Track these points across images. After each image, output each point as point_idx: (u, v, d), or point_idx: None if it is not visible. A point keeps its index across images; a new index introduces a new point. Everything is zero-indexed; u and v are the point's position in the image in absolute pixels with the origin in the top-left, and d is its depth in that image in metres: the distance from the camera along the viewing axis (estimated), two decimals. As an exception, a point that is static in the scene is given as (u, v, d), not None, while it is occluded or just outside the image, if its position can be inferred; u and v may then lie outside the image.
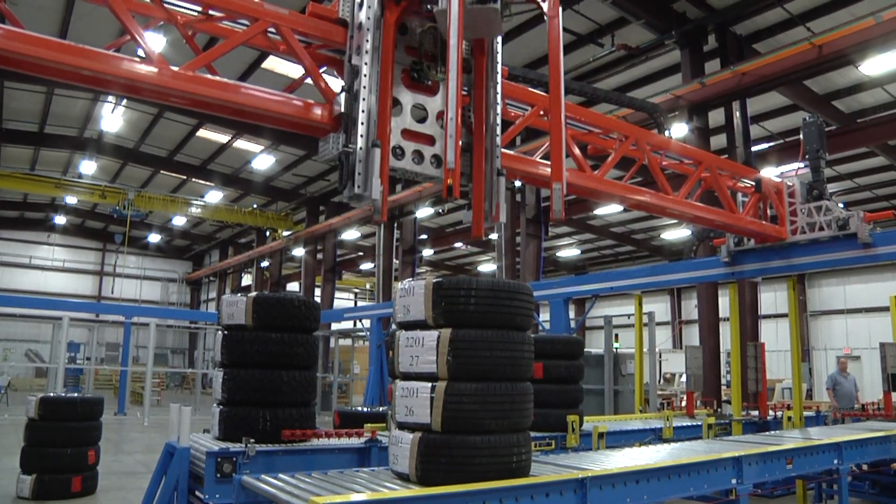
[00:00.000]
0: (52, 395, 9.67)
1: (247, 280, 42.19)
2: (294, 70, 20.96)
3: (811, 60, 13.20)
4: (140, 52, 4.60)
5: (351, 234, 32.13)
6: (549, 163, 5.49)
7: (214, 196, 32.41)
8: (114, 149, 29.29)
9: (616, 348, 16.31)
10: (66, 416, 9.14)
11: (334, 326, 27.04)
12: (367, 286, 41.53)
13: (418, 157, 5.01)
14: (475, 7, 4.79)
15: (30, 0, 17.83)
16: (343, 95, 4.83)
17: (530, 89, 7.04)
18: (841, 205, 8.98)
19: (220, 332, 6.21)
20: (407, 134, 5.00)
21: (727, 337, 11.23)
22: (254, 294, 6.08)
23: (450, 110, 4.66)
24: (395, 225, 25.25)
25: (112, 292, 45.16)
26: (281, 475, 4.53)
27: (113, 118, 25.75)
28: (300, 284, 32.80)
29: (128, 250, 43.17)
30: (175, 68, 4.50)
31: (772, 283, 17.95)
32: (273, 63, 20.70)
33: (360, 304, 42.04)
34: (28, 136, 28.06)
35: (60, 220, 41.32)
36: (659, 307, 34.07)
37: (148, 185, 32.63)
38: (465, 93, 5.18)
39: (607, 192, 7.97)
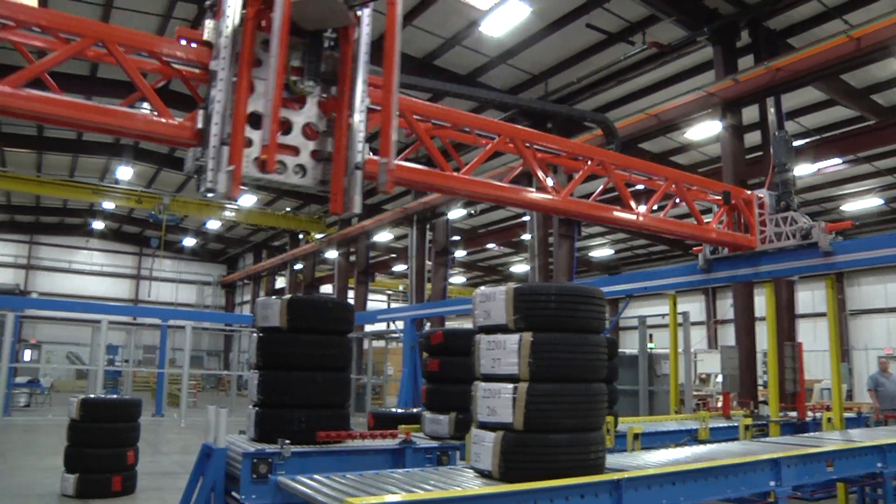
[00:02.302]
0: (92, 396, 9.83)
1: (280, 283, 42.52)
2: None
3: (848, 53, 12.95)
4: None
5: (383, 236, 32.20)
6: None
7: (248, 200, 32.65)
8: (149, 154, 29.70)
9: (650, 349, 16.17)
10: (105, 417, 9.31)
11: (368, 328, 27.15)
12: (400, 288, 41.65)
13: (282, 167, 5.19)
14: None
15: (71, 8, 18.14)
16: (201, 112, 5.00)
17: (499, 122, 7.81)
18: (805, 217, 9.55)
19: (254, 335, 6.27)
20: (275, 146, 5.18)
21: (763, 337, 11.07)
22: (288, 296, 6.12)
23: (267, 95, 4.86)
24: (428, 226, 25.29)
25: (149, 296, 45.88)
26: (316, 476, 4.57)
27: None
28: (333, 287, 32.97)
29: (164, 254, 43.77)
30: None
31: (809, 282, 17.70)
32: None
33: (393, 305, 42.16)
34: (67, 144, 28.61)
35: (98, 225, 42.03)
36: (694, 307, 33.73)
37: (182, 190, 32.96)
38: (325, 97, 5.40)
39: (574, 210, 8.56)
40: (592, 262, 37.90)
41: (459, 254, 36.49)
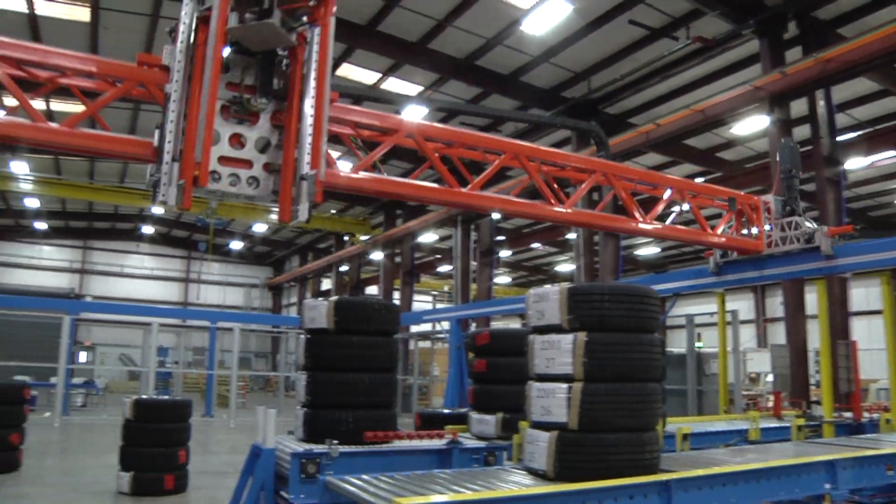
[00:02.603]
0: (144, 397, 10.03)
1: (326, 284, 42.88)
2: (367, 77, 21.25)
3: (904, 41, 12.59)
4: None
5: (428, 237, 32.26)
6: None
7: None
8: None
9: (698, 347, 15.95)
10: (158, 417, 9.49)
11: (413, 329, 27.23)
12: (446, 288, 41.70)
13: (235, 179, 5.55)
14: (253, 24, 5.28)
15: (119, 24, 18.67)
16: (157, 131, 5.37)
17: (502, 139, 8.42)
18: (809, 221, 9.79)
19: (302, 336, 6.33)
20: (224, 160, 5.51)
21: (815, 335, 10.83)
22: (335, 298, 6.18)
23: (202, 108, 5.20)
24: (473, 227, 25.27)
25: (197, 298, 46.67)
26: (364, 476, 4.60)
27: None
28: (379, 288, 33.14)
29: (211, 258, 44.54)
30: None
31: (863, 278, 17.28)
32: (347, 71, 21.00)
33: (438, 306, 42.23)
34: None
35: (148, 229, 42.89)
36: (742, 305, 33.16)
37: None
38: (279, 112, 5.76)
39: (577, 221, 9.16)
40: (639, 261, 37.50)
41: (504, 254, 36.39)
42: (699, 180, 24.62)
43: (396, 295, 32.33)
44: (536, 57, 18.69)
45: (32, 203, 35.80)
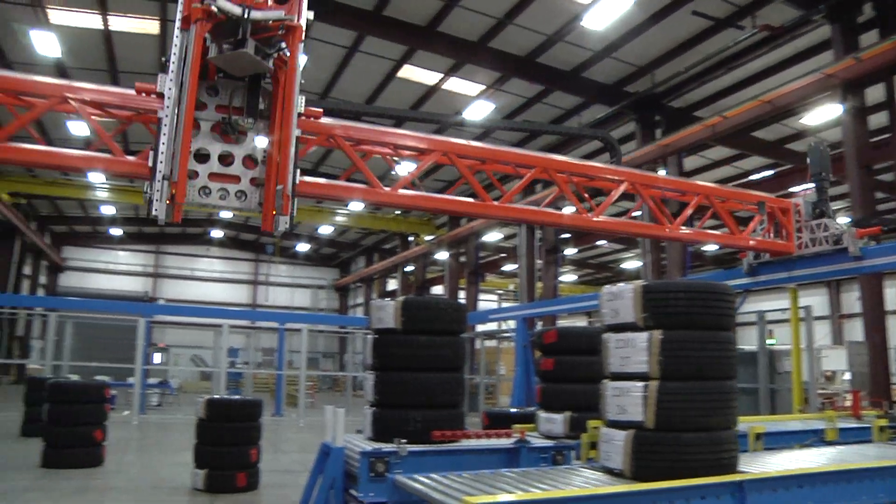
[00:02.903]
0: (217, 397, 10.26)
1: (392, 285, 43.22)
2: (429, 78, 21.34)
3: None
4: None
5: (493, 236, 32.21)
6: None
7: (358, 204, 33.26)
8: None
9: (770, 345, 15.55)
10: (230, 416, 9.70)
11: (479, 328, 27.24)
12: (511, 287, 41.55)
13: (224, 193, 6.02)
14: (229, 53, 5.64)
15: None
16: (151, 152, 5.70)
17: (531, 154, 8.66)
18: (838, 223, 9.93)
19: (369, 336, 6.39)
20: (213, 176, 5.98)
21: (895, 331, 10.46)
22: (402, 298, 6.22)
23: (180, 131, 5.58)
24: (538, 225, 25.12)
25: (266, 300, 47.57)
26: (432, 475, 4.61)
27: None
28: (444, 287, 33.25)
29: (279, 260, 45.36)
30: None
31: None
32: (408, 73, 21.13)
33: (503, 305, 42.15)
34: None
35: (217, 233, 43.91)
36: (816, 300, 32.21)
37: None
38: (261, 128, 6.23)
39: (606, 229, 9.43)
40: (706, 256, 36.71)
41: (569, 251, 36.05)
42: (768, 173, 24.12)
43: (462, 294, 32.38)
44: (598, 52, 18.50)
45: (108, 210, 37.08)
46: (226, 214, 36.66)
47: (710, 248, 35.46)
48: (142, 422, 18.82)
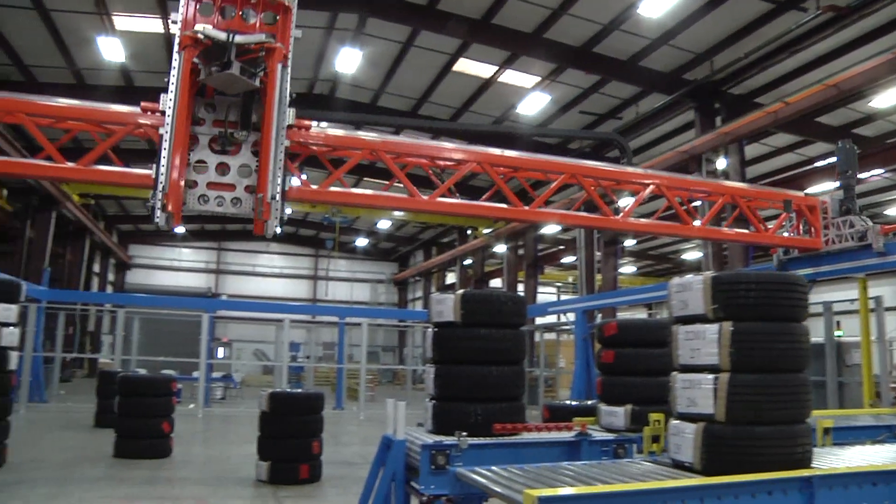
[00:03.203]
0: (279, 390, 10.44)
1: (451, 278, 43.32)
2: (484, 71, 21.30)
3: None
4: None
5: (551, 228, 32.00)
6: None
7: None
8: (321, 162, 31.09)
9: (838, 336, 15.13)
10: (292, 410, 9.87)
11: (538, 321, 27.15)
12: (570, 279, 41.30)
13: (221, 200, 6.73)
14: (217, 74, 6.25)
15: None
16: (154, 165, 6.33)
17: (560, 161, 9.49)
18: (863, 220, 10.29)
19: (429, 330, 6.42)
20: (211, 185, 6.70)
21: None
22: (461, 291, 6.23)
23: (167, 145, 6.30)
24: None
25: (326, 295, 48.16)
26: (493, 467, 4.61)
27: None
28: (503, 280, 33.19)
29: (338, 255, 45.81)
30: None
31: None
32: (464, 66, 21.13)
33: (562, 297, 41.89)
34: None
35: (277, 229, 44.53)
36: (888, 290, 31.16)
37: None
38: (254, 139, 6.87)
39: (633, 228, 10.47)
40: (768, 246, 35.87)
41: (629, 243, 35.68)
42: (834, 159, 23.41)
43: (521, 287, 32.28)
44: (655, 40, 18.20)
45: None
46: (286, 211, 37.14)
47: (774, 237, 34.70)
48: (206, 414, 19.27)
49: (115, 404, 11.74)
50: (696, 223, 10.78)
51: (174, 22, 6.51)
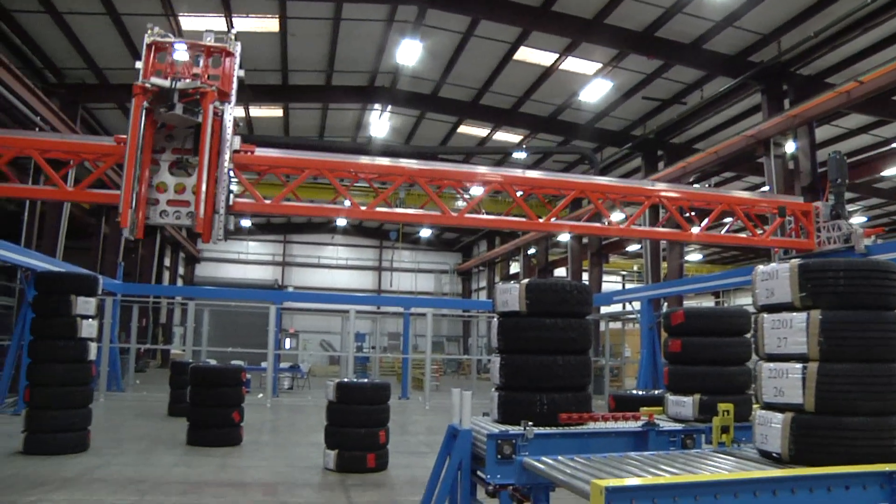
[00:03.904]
0: (346, 380, 10.57)
1: (514, 268, 43.22)
2: (545, 59, 21.14)
3: None
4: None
5: (616, 216, 31.61)
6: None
7: (479, 188, 33.24)
8: (383, 151, 31.34)
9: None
10: (359, 399, 9.98)
11: (603, 310, 26.91)
12: (635, 268, 40.81)
13: (179, 214, 8.17)
14: (164, 114, 7.92)
15: (304, 31, 19.76)
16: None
17: (571, 179, 11.54)
18: (848, 224, 11.64)
19: (494, 320, 6.43)
20: (171, 202, 8.21)
21: None
22: (526, 281, 6.21)
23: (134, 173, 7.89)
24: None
25: (390, 285, 48.58)
26: (560, 457, 4.60)
27: (380, 124, 27.60)
28: (567, 269, 32.97)
29: (402, 246, 46.16)
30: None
31: None
32: (524, 54, 21.01)
33: (627, 286, 41.43)
34: (310, 148, 30.96)
35: (341, 222, 45.10)
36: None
37: (417, 184, 34.35)
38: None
39: (637, 234, 14.27)
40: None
41: (694, 230, 34.98)
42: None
43: (585, 276, 32.03)
44: (719, 22, 17.78)
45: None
46: (349, 203, 37.61)
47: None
48: (275, 404, 19.66)
49: (187, 394, 12.07)
50: (696, 229, 12.45)
51: (137, 69, 8.15)
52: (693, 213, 13.23)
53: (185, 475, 9.22)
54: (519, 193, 11.21)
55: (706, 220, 12.24)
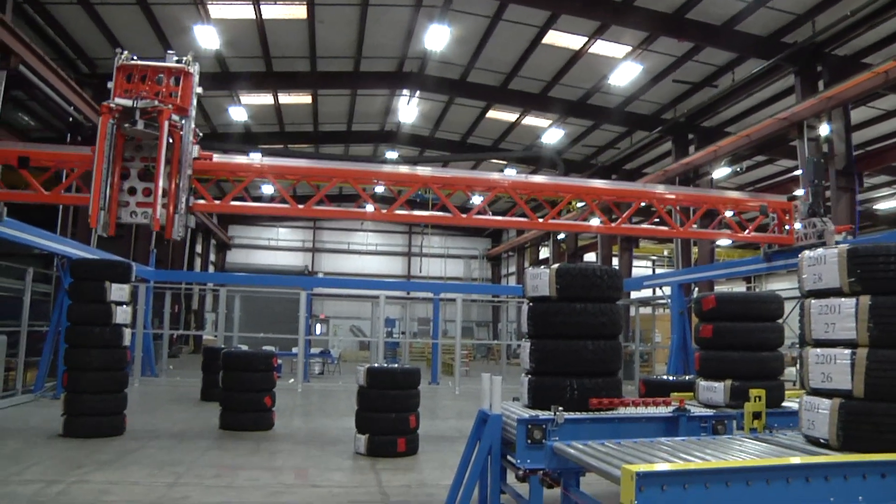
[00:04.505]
0: (377, 365, 10.62)
1: (544, 253, 43.08)
2: (574, 42, 20.97)
3: None
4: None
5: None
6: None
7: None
8: (411, 138, 31.40)
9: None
10: (389, 384, 10.03)
11: (633, 295, 26.76)
12: (665, 253, 40.46)
13: (146, 214, 9.51)
14: (128, 129, 9.24)
15: (333, 18, 19.76)
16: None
17: (568, 183, 13.26)
18: (822, 221, 12.91)
19: (525, 305, 6.43)
20: (140, 204, 9.59)
21: None
22: (556, 266, 6.20)
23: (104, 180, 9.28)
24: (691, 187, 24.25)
25: (420, 271, 48.66)
26: (590, 442, 4.61)
27: (409, 109, 27.59)
28: (597, 255, 32.81)
29: (432, 231, 46.18)
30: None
31: None
32: (553, 38, 20.85)
33: (658, 271, 41.13)
34: (339, 136, 31.20)
35: (370, 208, 45.20)
36: None
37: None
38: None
39: (626, 232, 14.96)
40: (878, 216, 34.12)
41: (726, 214, 34.56)
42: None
43: (615, 261, 31.87)
44: (751, 2, 17.48)
45: (268, 189, 39.05)
46: (379, 189, 37.69)
47: (884, 205, 33.06)
48: (305, 389, 19.84)
49: (220, 379, 12.22)
50: (683, 227, 14.17)
51: (109, 89, 9.40)
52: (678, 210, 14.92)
53: (218, 458, 9.36)
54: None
55: (691, 219, 14.24)
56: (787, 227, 13.53)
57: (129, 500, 6.89)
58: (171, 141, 9.47)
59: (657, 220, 17.16)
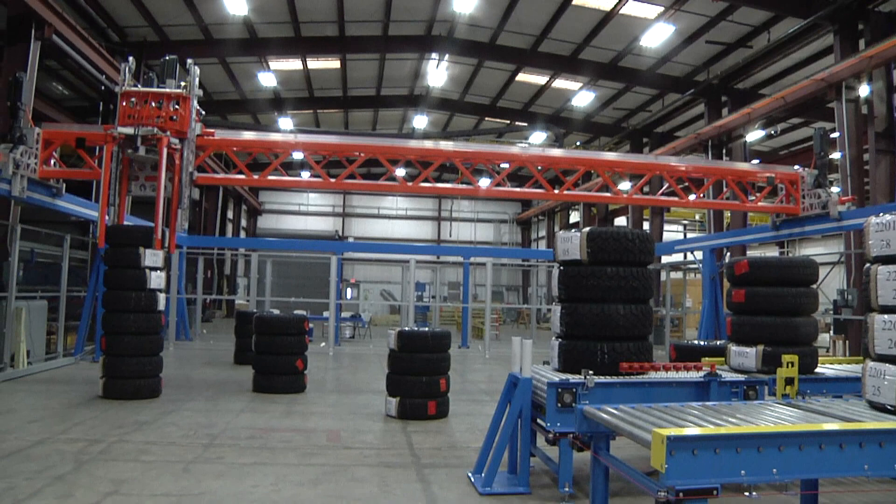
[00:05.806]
0: (407, 329, 10.67)
1: (574, 217, 42.85)
2: (605, 2, 20.62)
3: None
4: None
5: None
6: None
7: (538, 137, 32.91)
8: (441, 102, 31.18)
9: None
10: (420, 348, 10.09)
11: (664, 259, 26.55)
12: (697, 217, 40.03)
13: (153, 188, 11.36)
14: (133, 154, 11.36)
15: None
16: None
17: (582, 156, 15.07)
18: (825, 192, 13.98)
19: (556, 269, 6.41)
20: (148, 178, 11.71)
21: None
22: (587, 229, 6.16)
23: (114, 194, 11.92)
24: (724, 151, 23.90)
25: (450, 236, 48.70)
26: (621, 406, 4.60)
27: (438, 73, 27.38)
28: (627, 219, 32.56)
29: (461, 196, 46.02)
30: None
31: None
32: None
33: (689, 235, 40.75)
34: (368, 100, 31.06)
35: (400, 172, 45.16)
36: None
37: (474, 133, 34.18)
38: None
39: (639, 203, 20.27)
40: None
41: (691, 197, 34.08)
42: None
43: (646, 225, 31.62)
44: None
45: (298, 155, 39.17)
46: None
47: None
48: (337, 353, 20.04)
49: (253, 343, 12.38)
50: (692, 196, 15.47)
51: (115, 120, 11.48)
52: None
53: (251, 421, 9.52)
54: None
55: (700, 190, 15.38)
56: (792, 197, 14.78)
57: (166, 461, 7.04)
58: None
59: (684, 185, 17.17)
